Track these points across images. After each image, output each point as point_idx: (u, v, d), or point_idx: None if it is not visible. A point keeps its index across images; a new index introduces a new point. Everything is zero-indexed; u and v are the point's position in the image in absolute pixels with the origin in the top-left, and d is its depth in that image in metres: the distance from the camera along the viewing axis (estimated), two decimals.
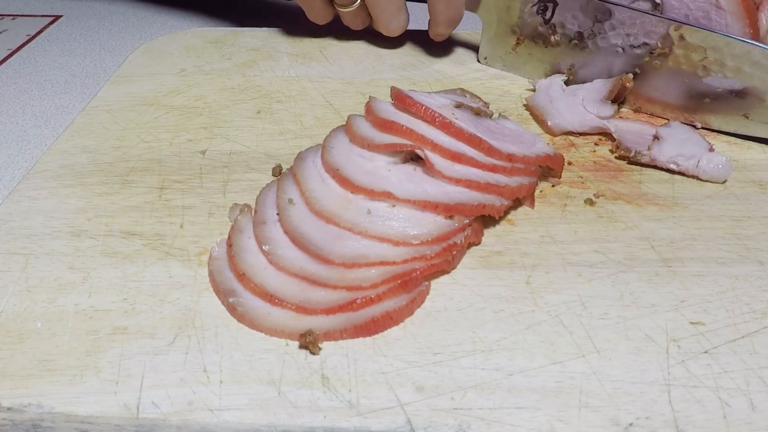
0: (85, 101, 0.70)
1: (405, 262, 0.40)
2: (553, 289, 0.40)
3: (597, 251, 0.43)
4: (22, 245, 0.44)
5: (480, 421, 0.33)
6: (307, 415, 0.33)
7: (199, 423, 0.33)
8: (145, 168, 0.51)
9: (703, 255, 0.42)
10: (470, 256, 0.43)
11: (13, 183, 0.57)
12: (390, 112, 0.47)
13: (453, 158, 0.44)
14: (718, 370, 0.35)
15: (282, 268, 0.40)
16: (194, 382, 0.35)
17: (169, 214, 0.47)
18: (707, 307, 0.39)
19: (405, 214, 0.42)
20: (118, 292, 0.40)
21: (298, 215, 0.42)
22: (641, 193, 0.48)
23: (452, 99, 0.51)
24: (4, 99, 0.71)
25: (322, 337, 0.36)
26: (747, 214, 0.46)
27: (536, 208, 0.47)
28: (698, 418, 0.33)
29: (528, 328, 0.38)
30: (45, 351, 0.36)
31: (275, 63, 0.67)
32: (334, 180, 0.44)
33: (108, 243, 0.44)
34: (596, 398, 0.34)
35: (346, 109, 0.59)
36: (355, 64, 0.67)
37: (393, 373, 0.35)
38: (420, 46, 0.70)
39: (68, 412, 0.33)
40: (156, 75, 0.65)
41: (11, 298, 0.40)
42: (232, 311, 0.38)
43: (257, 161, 0.52)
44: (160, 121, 0.58)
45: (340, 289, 0.38)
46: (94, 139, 0.55)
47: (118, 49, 0.83)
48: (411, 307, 0.38)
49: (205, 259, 0.42)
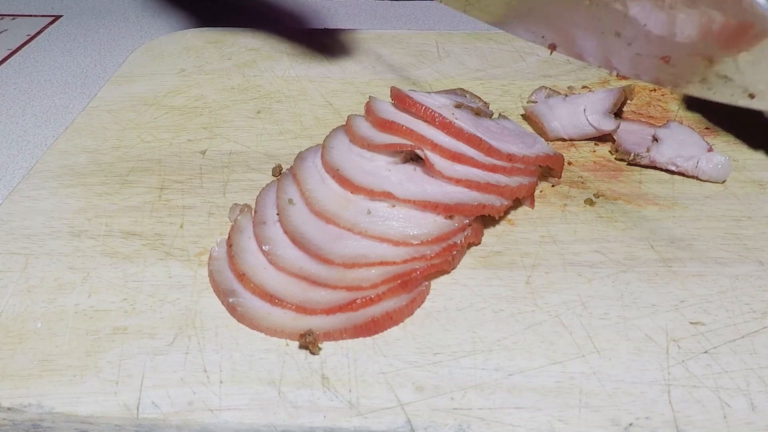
0: (85, 101, 0.70)
1: (405, 262, 0.40)
2: (553, 289, 0.40)
3: (597, 251, 0.43)
4: (22, 245, 0.44)
5: (480, 421, 0.33)
6: (307, 415, 0.33)
7: (199, 423, 0.33)
8: (145, 168, 0.51)
9: (703, 255, 0.42)
10: (470, 256, 0.43)
11: (13, 183, 0.57)
12: (390, 112, 0.47)
13: (453, 158, 0.44)
14: (718, 370, 0.35)
15: (282, 268, 0.40)
16: (194, 382, 0.35)
17: (169, 214, 0.47)
18: (707, 307, 0.39)
19: (405, 214, 0.42)
20: (118, 292, 0.40)
21: (298, 215, 0.42)
22: (641, 193, 0.48)
23: (452, 99, 0.51)
24: (4, 99, 0.71)
25: (322, 337, 0.36)
26: (747, 214, 0.46)
27: (536, 208, 0.47)
28: (698, 418, 0.33)
29: (528, 328, 0.38)
30: (45, 351, 0.36)
31: (275, 63, 0.67)
32: (334, 180, 0.44)
33: (108, 243, 0.44)
34: (596, 398, 0.34)
35: (346, 109, 0.59)
36: (355, 64, 0.67)
37: (393, 373, 0.35)
38: (420, 46, 0.70)
39: (68, 412, 0.33)
40: (156, 75, 0.65)
41: (11, 298, 0.40)
42: (232, 311, 0.38)
43: (257, 161, 0.52)
44: (160, 121, 0.58)
45: (340, 289, 0.38)
46: (94, 139, 0.55)
47: (118, 49, 0.83)
48: (411, 307, 0.38)
49: (205, 259, 0.42)
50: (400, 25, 0.86)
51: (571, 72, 0.65)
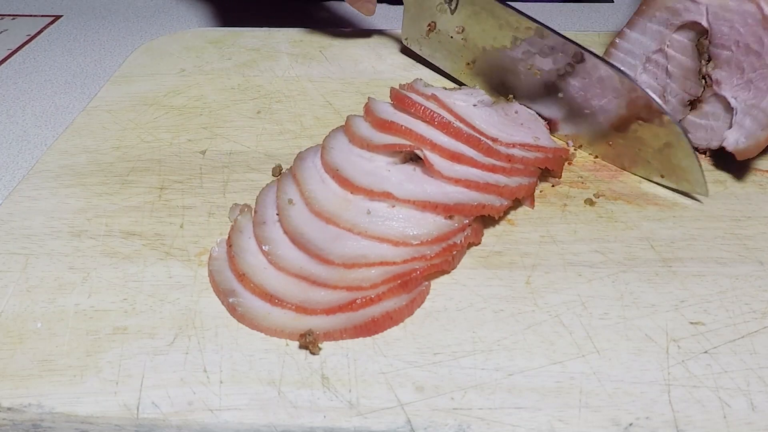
0: (85, 101, 0.70)
1: (405, 262, 0.40)
2: (553, 289, 0.40)
3: (597, 251, 0.43)
4: (22, 245, 0.44)
5: (480, 421, 0.33)
6: (307, 415, 0.33)
7: (199, 423, 0.33)
8: (145, 168, 0.51)
9: (703, 255, 0.42)
10: (470, 256, 0.43)
11: (13, 183, 0.57)
12: (389, 113, 0.47)
13: (452, 158, 0.44)
14: (718, 370, 0.35)
15: (282, 268, 0.40)
16: (194, 382, 0.35)
17: (169, 214, 0.47)
18: (707, 307, 0.39)
19: (405, 214, 0.42)
20: (118, 292, 0.40)
21: (298, 215, 0.42)
22: (641, 193, 0.48)
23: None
24: (4, 99, 0.71)
25: (322, 337, 0.36)
26: (747, 214, 0.46)
27: (536, 208, 0.47)
28: (698, 418, 0.33)
29: (528, 328, 0.38)
30: (45, 351, 0.36)
31: (275, 63, 0.67)
32: (333, 180, 0.44)
33: (108, 243, 0.44)
34: (596, 398, 0.34)
35: (346, 109, 0.59)
36: (355, 64, 0.67)
37: (393, 373, 0.35)
38: None
39: (68, 412, 0.33)
40: (156, 75, 0.65)
41: (11, 298, 0.40)
42: (232, 311, 0.38)
43: (257, 161, 0.52)
44: (160, 121, 0.58)
45: (340, 289, 0.38)
46: (94, 139, 0.55)
47: (118, 49, 0.83)
48: (411, 307, 0.38)
49: (205, 259, 0.42)
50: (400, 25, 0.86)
51: None
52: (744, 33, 0.47)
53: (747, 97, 0.48)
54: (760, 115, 0.47)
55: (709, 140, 0.51)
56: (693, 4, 0.49)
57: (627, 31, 0.54)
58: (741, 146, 0.48)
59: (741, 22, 0.47)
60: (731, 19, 0.48)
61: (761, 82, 0.47)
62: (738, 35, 0.48)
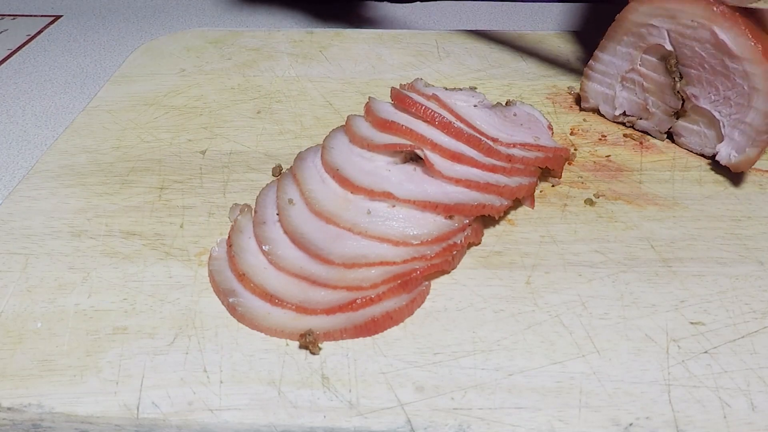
0: (85, 101, 0.70)
1: (405, 262, 0.40)
2: (553, 289, 0.40)
3: (597, 251, 0.43)
4: (22, 245, 0.44)
5: (480, 421, 0.33)
6: (307, 415, 0.33)
7: (199, 423, 0.33)
8: (145, 168, 0.51)
9: (703, 255, 0.42)
10: (470, 256, 0.43)
11: (13, 183, 0.57)
12: (389, 113, 0.47)
13: (453, 158, 0.44)
14: (718, 370, 0.35)
15: (282, 268, 0.40)
16: (194, 382, 0.35)
17: (169, 214, 0.47)
18: (707, 307, 0.39)
19: (405, 214, 0.42)
20: (118, 292, 0.40)
21: (298, 215, 0.42)
22: (641, 193, 0.48)
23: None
24: (4, 99, 0.71)
25: (322, 337, 0.36)
26: (747, 214, 0.46)
27: (536, 208, 0.47)
28: (698, 418, 0.33)
29: (528, 328, 0.38)
30: (45, 351, 0.36)
31: (275, 63, 0.67)
32: (334, 180, 0.44)
33: (108, 243, 0.44)
34: (596, 398, 0.34)
35: (346, 109, 0.59)
36: (355, 64, 0.67)
37: (393, 373, 0.35)
38: (420, 47, 0.70)
39: (68, 412, 0.33)
40: (156, 75, 0.65)
41: (11, 298, 0.40)
42: (232, 311, 0.38)
43: (257, 161, 0.52)
44: (160, 121, 0.58)
45: (340, 289, 0.38)
46: (94, 139, 0.55)
47: (118, 49, 0.83)
48: (411, 307, 0.38)
49: (205, 259, 0.42)
50: (400, 25, 0.86)
51: (571, 72, 0.65)
52: (706, 56, 0.48)
53: (730, 112, 0.49)
54: (748, 129, 0.48)
55: (703, 146, 0.52)
56: (655, 29, 0.50)
57: (599, 54, 0.56)
58: (733, 161, 0.49)
59: (700, 47, 0.48)
60: (691, 44, 0.49)
61: (740, 99, 0.48)
62: (701, 58, 0.49)
